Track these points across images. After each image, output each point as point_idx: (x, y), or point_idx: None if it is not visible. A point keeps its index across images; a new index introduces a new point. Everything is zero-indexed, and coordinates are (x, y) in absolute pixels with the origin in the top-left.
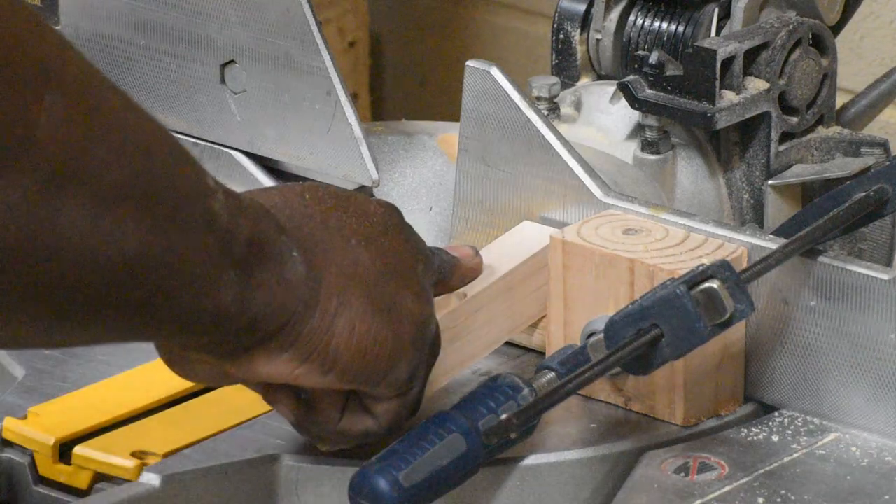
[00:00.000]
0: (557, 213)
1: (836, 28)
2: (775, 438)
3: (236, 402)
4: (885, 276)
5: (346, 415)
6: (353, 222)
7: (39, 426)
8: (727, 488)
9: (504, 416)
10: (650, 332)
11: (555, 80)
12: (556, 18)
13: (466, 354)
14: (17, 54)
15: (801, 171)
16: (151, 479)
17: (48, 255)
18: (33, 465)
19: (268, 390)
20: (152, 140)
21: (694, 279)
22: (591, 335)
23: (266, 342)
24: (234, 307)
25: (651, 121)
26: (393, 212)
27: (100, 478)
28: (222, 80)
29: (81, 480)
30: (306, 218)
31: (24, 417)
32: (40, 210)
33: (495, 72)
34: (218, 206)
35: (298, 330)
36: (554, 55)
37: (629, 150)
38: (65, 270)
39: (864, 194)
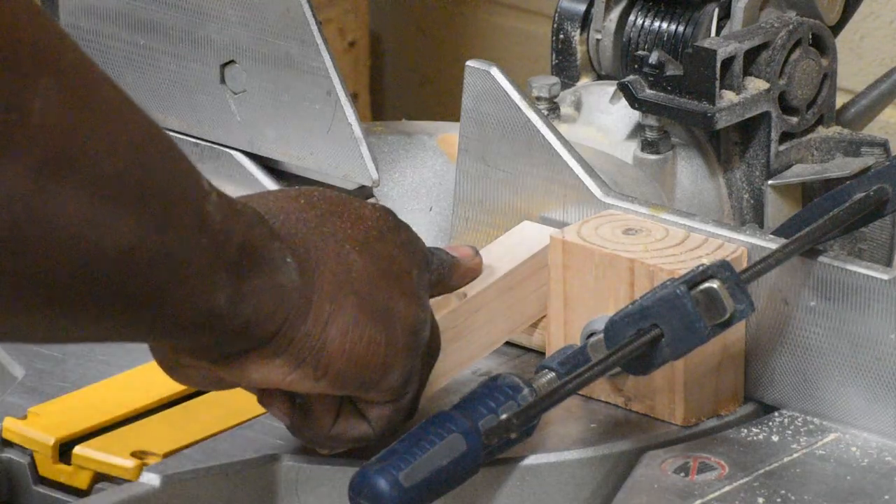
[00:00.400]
0: (557, 213)
1: (836, 28)
2: (775, 438)
3: (236, 402)
4: (885, 276)
5: (340, 419)
6: (347, 227)
7: (39, 426)
8: (727, 488)
9: (504, 416)
10: (650, 332)
11: (555, 80)
12: (556, 18)
13: (466, 354)
14: (13, 39)
15: (801, 171)
16: (151, 479)
17: (42, 242)
18: (33, 465)
19: (263, 394)
20: (146, 135)
21: (694, 279)
22: (591, 335)
23: (259, 348)
24: (227, 309)
25: (651, 121)
26: (388, 216)
27: (100, 478)
28: (222, 80)
29: (81, 480)
30: (300, 223)
31: (24, 417)
32: (33, 196)
33: (495, 72)
34: (212, 208)
35: (291, 336)
36: (554, 55)
37: (629, 150)
38: (58, 259)
39: (864, 194)
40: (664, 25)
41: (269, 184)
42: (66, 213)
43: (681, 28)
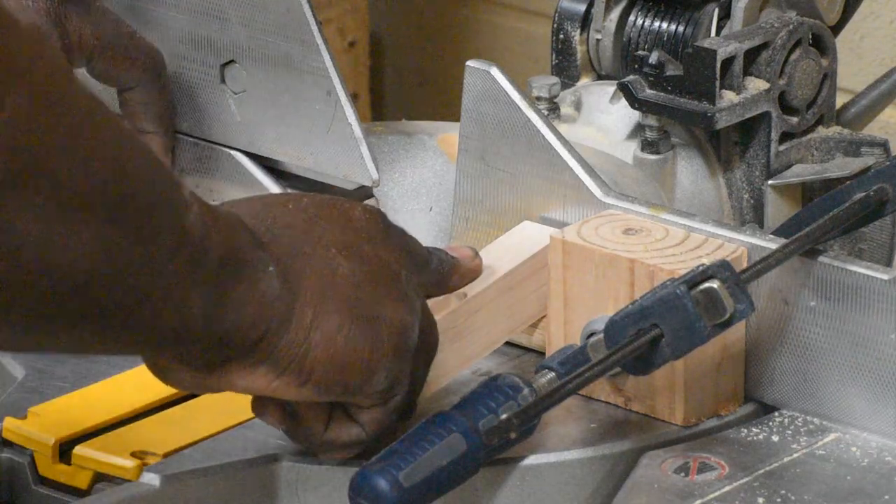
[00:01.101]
0: (557, 213)
1: (836, 28)
2: (775, 438)
3: (236, 402)
4: (885, 276)
5: (332, 424)
6: (335, 231)
7: (39, 426)
8: (727, 488)
9: (504, 416)
10: (650, 332)
11: (555, 80)
12: (556, 18)
13: (466, 354)
14: None
15: (801, 171)
16: (151, 479)
17: (6, 255)
18: (33, 465)
19: (255, 401)
20: (124, 150)
21: (694, 279)
22: (591, 335)
23: (241, 357)
24: (201, 323)
25: (651, 121)
26: (378, 218)
27: (100, 478)
28: (222, 80)
29: (81, 480)
30: (286, 227)
31: (24, 417)
32: None
33: (495, 72)
34: (192, 220)
35: (274, 344)
36: (554, 55)
37: (629, 150)
38: (20, 273)
39: (864, 194)
40: (664, 25)
41: (269, 184)
42: (26, 228)
43: (681, 28)
